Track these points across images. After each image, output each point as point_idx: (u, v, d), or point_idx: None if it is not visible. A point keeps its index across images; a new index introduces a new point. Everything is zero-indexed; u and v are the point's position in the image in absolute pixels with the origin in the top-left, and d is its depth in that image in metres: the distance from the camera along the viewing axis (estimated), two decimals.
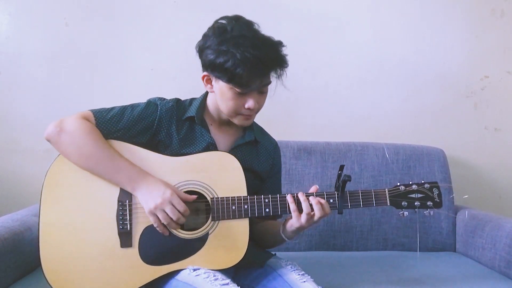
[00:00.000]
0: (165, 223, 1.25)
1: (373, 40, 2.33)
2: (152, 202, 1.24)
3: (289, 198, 1.31)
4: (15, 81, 2.19)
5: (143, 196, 1.26)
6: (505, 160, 2.39)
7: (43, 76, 2.20)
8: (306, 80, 2.27)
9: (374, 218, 2.01)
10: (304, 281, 1.27)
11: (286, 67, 1.32)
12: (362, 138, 2.20)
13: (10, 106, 2.19)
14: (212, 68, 1.29)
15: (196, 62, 1.37)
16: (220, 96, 1.32)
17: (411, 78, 2.35)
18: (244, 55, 1.22)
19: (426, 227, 2.03)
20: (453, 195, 2.06)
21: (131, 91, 2.19)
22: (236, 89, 1.28)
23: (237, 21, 1.30)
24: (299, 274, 1.31)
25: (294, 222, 1.31)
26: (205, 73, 1.33)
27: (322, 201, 1.30)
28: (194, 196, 1.29)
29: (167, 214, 1.24)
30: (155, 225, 1.26)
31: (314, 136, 2.19)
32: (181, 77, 2.23)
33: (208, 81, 1.35)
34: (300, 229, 1.33)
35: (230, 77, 1.26)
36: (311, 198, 1.30)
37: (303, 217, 1.29)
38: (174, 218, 1.24)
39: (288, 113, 2.24)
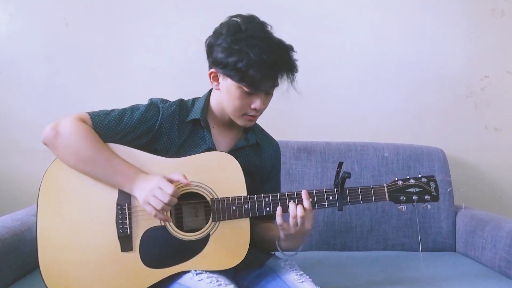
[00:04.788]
0: (158, 208, 1.20)
1: (373, 40, 2.33)
2: (144, 193, 1.22)
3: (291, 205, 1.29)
4: (15, 81, 2.19)
5: (138, 193, 1.24)
6: (505, 160, 2.39)
7: (43, 76, 2.20)
8: (306, 80, 2.25)
9: (374, 218, 2.01)
10: (302, 281, 1.27)
11: (296, 72, 1.32)
12: (362, 138, 2.20)
13: (10, 106, 2.19)
14: (222, 66, 1.27)
15: (196, 62, 1.36)
16: (227, 94, 1.31)
17: (411, 78, 2.35)
18: (260, 57, 1.22)
19: (426, 227, 2.03)
20: (451, 188, 2.05)
21: (131, 91, 2.20)
22: (245, 89, 1.27)
23: (252, 21, 1.29)
24: (297, 274, 1.31)
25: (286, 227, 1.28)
26: (213, 70, 1.32)
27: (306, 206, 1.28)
28: (183, 180, 1.23)
29: (158, 199, 1.20)
30: (152, 214, 1.22)
31: (314, 136, 2.19)
32: (181, 77, 2.23)
33: (215, 78, 1.33)
34: (289, 237, 1.29)
35: (241, 77, 1.25)
36: (304, 203, 1.28)
37: (291, 221, 1.27)
38: (165, 201, 1.19)
39: (288, 113, 2.24)
